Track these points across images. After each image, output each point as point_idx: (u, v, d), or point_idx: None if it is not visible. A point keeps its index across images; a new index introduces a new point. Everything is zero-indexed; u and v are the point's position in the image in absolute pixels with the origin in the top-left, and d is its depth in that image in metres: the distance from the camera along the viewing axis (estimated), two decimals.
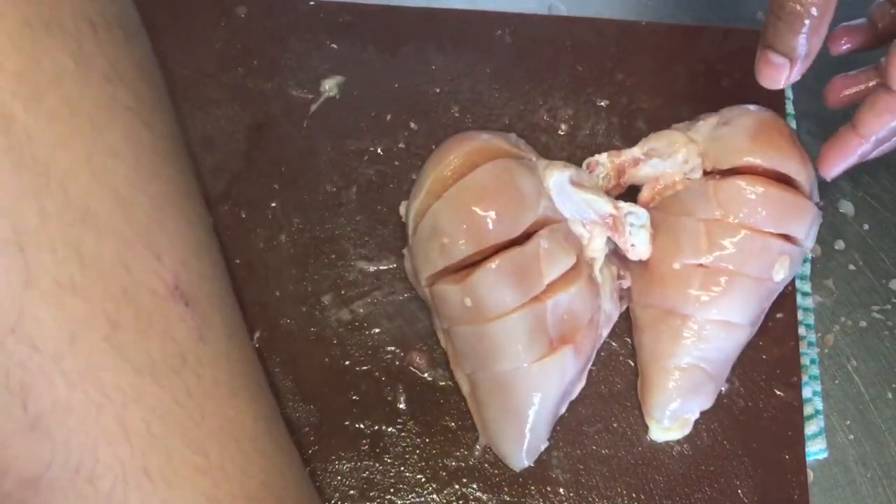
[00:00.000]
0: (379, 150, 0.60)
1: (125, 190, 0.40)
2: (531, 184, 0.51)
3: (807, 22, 0.46)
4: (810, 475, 0.54)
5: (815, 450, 0.55)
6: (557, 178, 0.52)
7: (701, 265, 0.52)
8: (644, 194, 0.55)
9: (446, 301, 0.51)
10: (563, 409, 0.53)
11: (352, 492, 0.52)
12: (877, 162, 0.54)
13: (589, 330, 0.52)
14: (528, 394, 0.51)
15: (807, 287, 0.59)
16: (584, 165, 0.55)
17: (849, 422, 0.57)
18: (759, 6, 0.65)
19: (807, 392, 0.56)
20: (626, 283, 0.55)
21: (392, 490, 0.52)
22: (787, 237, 0.52)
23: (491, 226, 0.49)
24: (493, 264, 0.49)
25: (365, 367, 0.54)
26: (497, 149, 0.52)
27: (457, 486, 0.52)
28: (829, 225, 0.60)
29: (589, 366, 0.54)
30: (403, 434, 0.53)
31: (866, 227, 0.60)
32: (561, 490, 0.53)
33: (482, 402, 0.52)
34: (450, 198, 0.50)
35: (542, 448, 0.53)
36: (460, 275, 0.50)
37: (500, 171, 0.51)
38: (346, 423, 0.53)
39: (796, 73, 0.49)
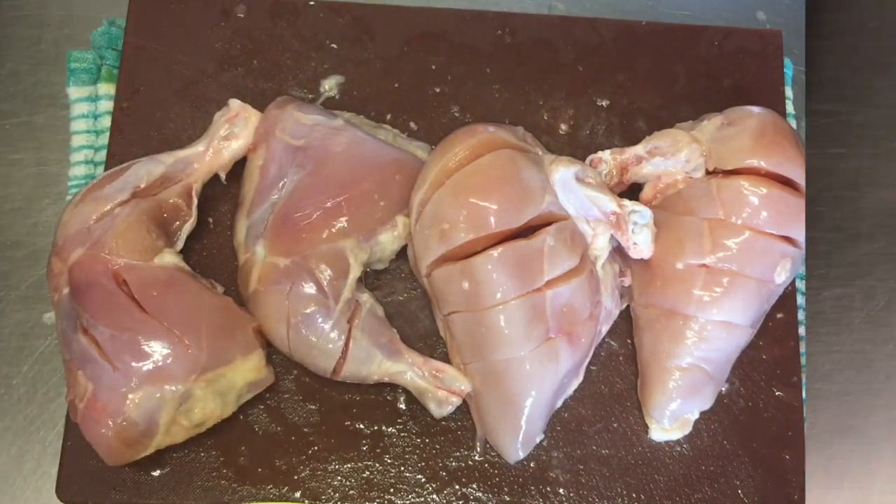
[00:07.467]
0: None
1: None
2: (537, 178, 0.51)
3: None
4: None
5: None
6: (563, 173, 0.52)
7: (704, 265, 0.52)
8: (646, 192, 0.55)
9: (446, 283, 0.51)
10: (558, 403, 0.54)
11: (352, 492, 0.52)
12: None
13: (588, 324, 0.52)
14: (524, 383, 0.51)
15: None
16: (588, 162, 0.55)
17: None
18: (758, 6, 0.65)
19: None
20: (627, 281, 0.55)
21: (392, 490, 0.52)
22: (788, 239, 0.52)
23: (492, 214, 0.49)
24: (496, 252, 0.49)
25: None
26: (503, 141, 0.52)
27: (457, 486, 0.52)
28: None
29: (587, 361, 0.54)
30: (403, 434, 0.53)
31: None
32: (561, 490, 0.53)
33: (478, 392, 0.52)
34: (452, 184, 0.51)
35: (538, 440, 0.53)
36: (461, 262, 0.50)
37: (504, 160, 0.51)
38: (347, 423, 0.53)
39: None
